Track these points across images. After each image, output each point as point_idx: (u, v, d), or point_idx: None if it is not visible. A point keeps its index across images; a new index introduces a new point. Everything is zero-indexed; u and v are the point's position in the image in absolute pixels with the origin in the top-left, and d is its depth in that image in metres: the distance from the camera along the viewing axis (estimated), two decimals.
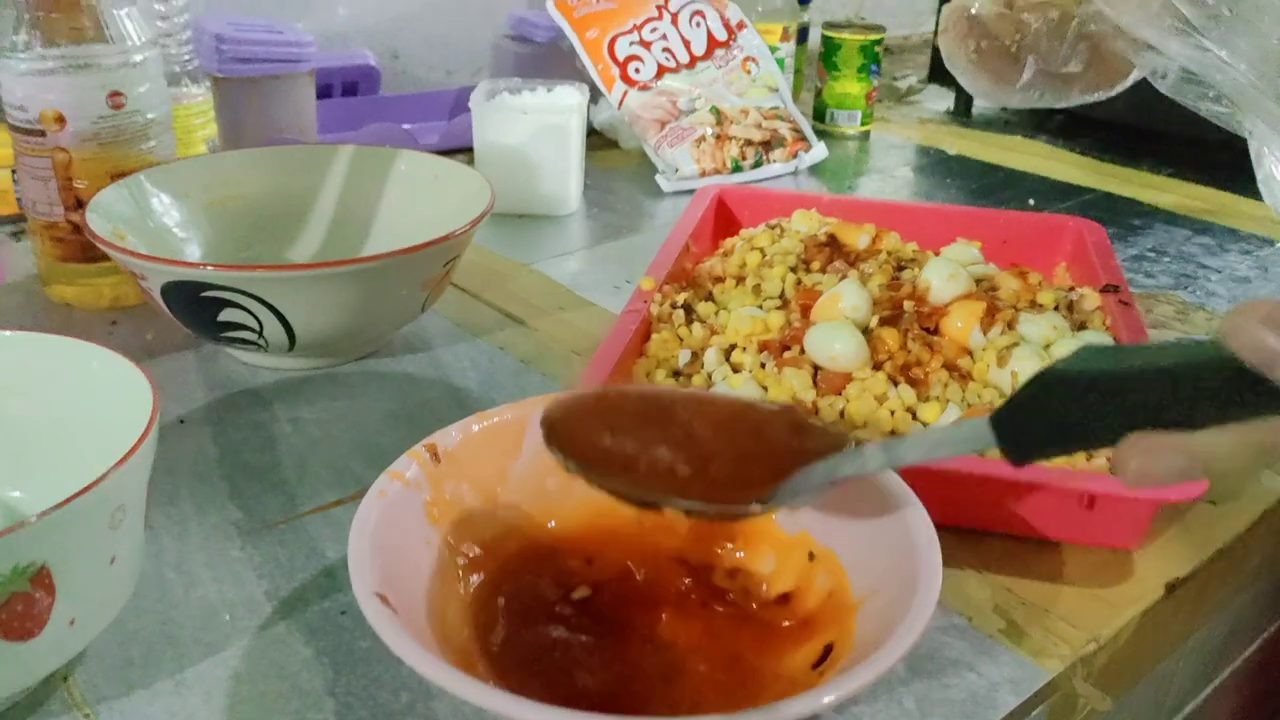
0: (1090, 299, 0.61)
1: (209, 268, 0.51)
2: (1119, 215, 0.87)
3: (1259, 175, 0.60)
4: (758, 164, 0.92)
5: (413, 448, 0.40)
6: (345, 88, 0.98)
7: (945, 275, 0.55)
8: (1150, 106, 0.76)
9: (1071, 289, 0.63)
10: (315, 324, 0.54)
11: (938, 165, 1.00)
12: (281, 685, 0.38)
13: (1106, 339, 0.55)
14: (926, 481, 0.44)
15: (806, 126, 0.97)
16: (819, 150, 0.96)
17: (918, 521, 0.38)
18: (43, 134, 0.60)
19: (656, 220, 0.84)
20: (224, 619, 0.40)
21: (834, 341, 0.52)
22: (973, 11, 0.57)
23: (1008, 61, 0.61)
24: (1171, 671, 0.56)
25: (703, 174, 0.89)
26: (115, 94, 0.60)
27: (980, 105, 1.15)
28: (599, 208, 0.86)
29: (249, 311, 0.52)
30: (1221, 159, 0.88)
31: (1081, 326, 0.57)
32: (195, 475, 0.49)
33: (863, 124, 1.06)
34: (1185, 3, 0.54)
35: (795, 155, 0.94)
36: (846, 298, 0.54)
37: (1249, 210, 0.88)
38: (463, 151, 0.94)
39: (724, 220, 0.75)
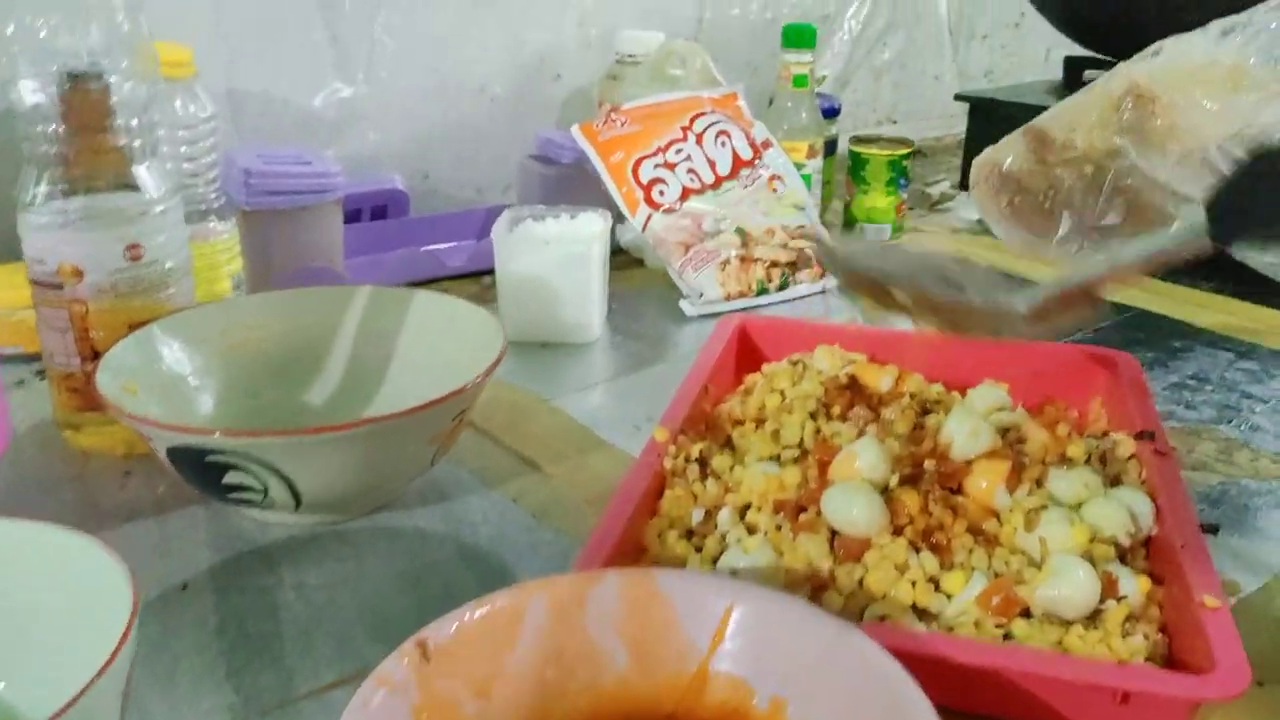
0: (1124, 446, 0.58)
1: (215, 434, 0.51)
2: (1158, 337, 0.85)
3: None
4: (784, 285, 0.91)
5: (403, 645, 0.38)
6: (374, 211, 0.99)
7: (968, 431, 0.53)
8: None
9: (1105, 434, 0.60)
10: (321, 485, 0.53)
11: None
12: None
13: (1142, 497, 0.53)
14: (956, 671, 0.42)
15: None
16: None
17: (914, 706, 0.35)
18: (60, 286, 0.60)
19: (680, 348, 0.83)
20: None
21: (851, 506, 0.50)
22: (1005, 168, 0.56)
23: (1042, 215, 0.59)
24: None
25: (728, 297, 0.88)
26: (133, 246, 0.60)
27: None
28: (623, 334, 0.85)
29: (254, 475, 0.51)
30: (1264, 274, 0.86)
31: (1116, 480, 0.55)
32: (194, 649, 0.48)
33: (892, 236, 1.05)
34: (1229, 160, 0.53)
35: (823, 275, 0.93)
36: (863, 457, 0.52)
37: None
38: (490, 272, 0.94)
39: (747, 352, 0.73)
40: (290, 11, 0.94)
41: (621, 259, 0.97)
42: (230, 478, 0.52)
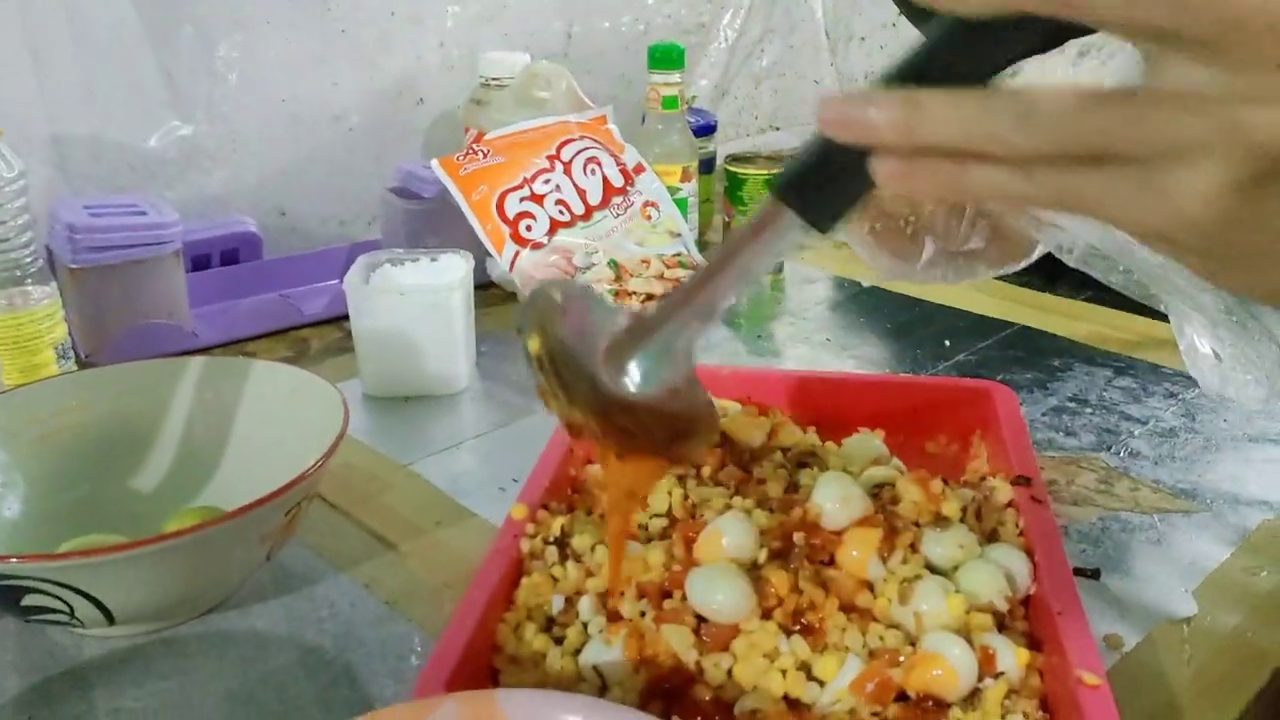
0: (1002, 492, 0.56)
1: (11, 560, 0.45)
2: (1038, 355, 0.84)
3: (1181, 345, 0.56)
4: None
5: None
6: (225, 256, 0.93)
7: (838, 499, 0.50)
8: None
9: (983, 479, 0.58)
10: (134, 601, 0.48)
11: (853, 302, 0.96)
12: None
13: (1018, 554, 0.50)
14: None
15: None
16: None
17: None
18: None
19: None
20: None
21: (716, 591, 0.47)
22: None
23: (905, 241, 0.57)
24: None
25: None
26: None
27: None
28: (494, 380, 0.81)
29: (56, 597, 0.46)
30: None
31: (993, 535, 0.53)
32: None
33: None
34: None
35: None
36: (729, 535, 0.49)
37: (1170, 337, 0.85)
38: None
39: None
40: (116, 49, 0.87)
41: (492, 294, 0.92)
42: (31, 600, 0.46)
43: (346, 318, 0.89)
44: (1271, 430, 0.71)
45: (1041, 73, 0.55)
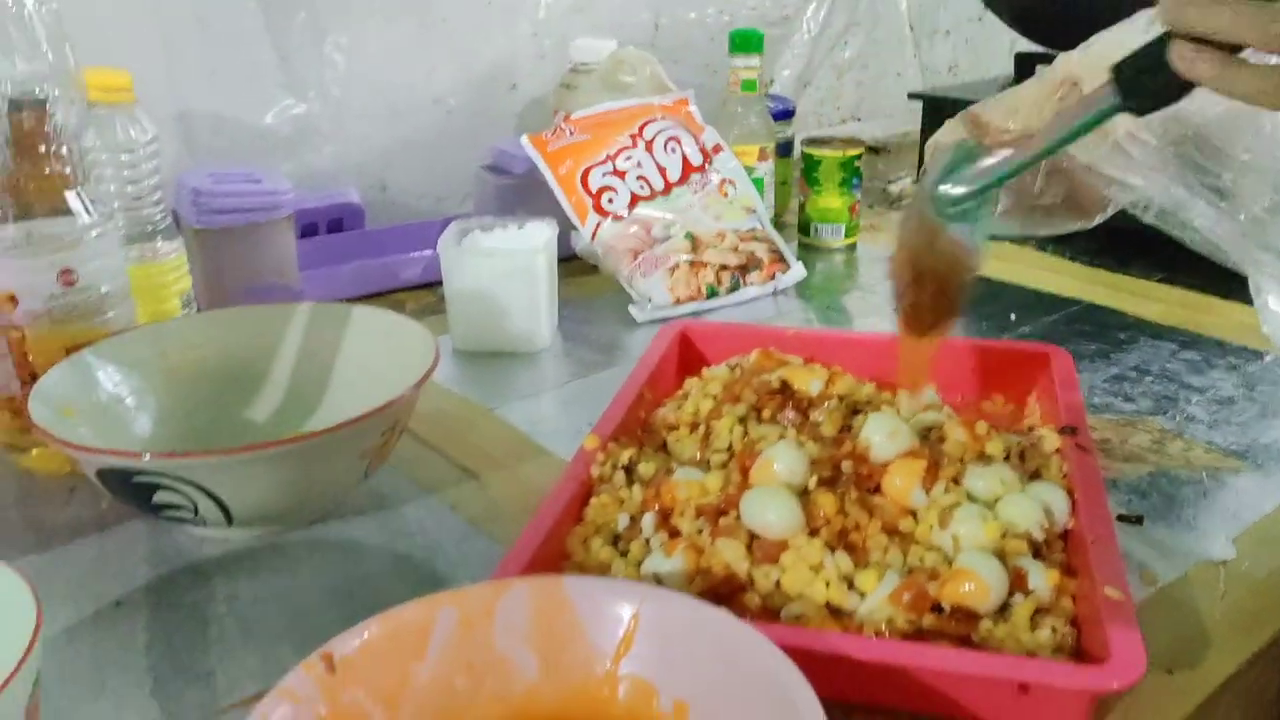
0: (1049, 440, 0.59)
1: (144, 456, 0.52)
2: (1104, 329, 0.85)
3: (1256, 303, 0.58)
4: (734, 288, 0.92)
5: (307, 658, 0.39)
6: (330, 225, 1.00)
7: (886, 433, 0.54)
8: None
9: (1030, 430, 0.61)
10: (250, 502, 0.54)
11: None
12: None
13: (1058, 491, 0.53)
14: (863, 669, 0.43)
15: (785, 247, 0.96)
16: (796, 271, 0.95)
17: (807, 708, 0.36)
18: None
19: (630, 353, 0.83)
20: None
21: (767, 509, 0.51)
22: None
23: None
24: None
25: (677, 302, 0.89)
26: (66, 271, 0.61)
27: None
28: (574, 340, 0.86)
29: (183, 494, 0.52)
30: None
31: (1036, 475, 0.56)
32: (122, 666, 0.49)
33: (847, 237, 1.06)
34: (1184, 164, 0.55)
35: (773, 277, 0.94)
36: (780, 460, 0.53)
37: (1239, 317, 0.86)
38: None
39: (690, 356, 0.74)
40: (238, 32, 0.95)
41: (575, 265, 0.97)
42: (159, 497, 0.53)
43: (438, 283, 0.95)
44: None
45: (1115, 41, 0.57)
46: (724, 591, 0.49)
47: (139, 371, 0.64)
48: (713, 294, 0.90)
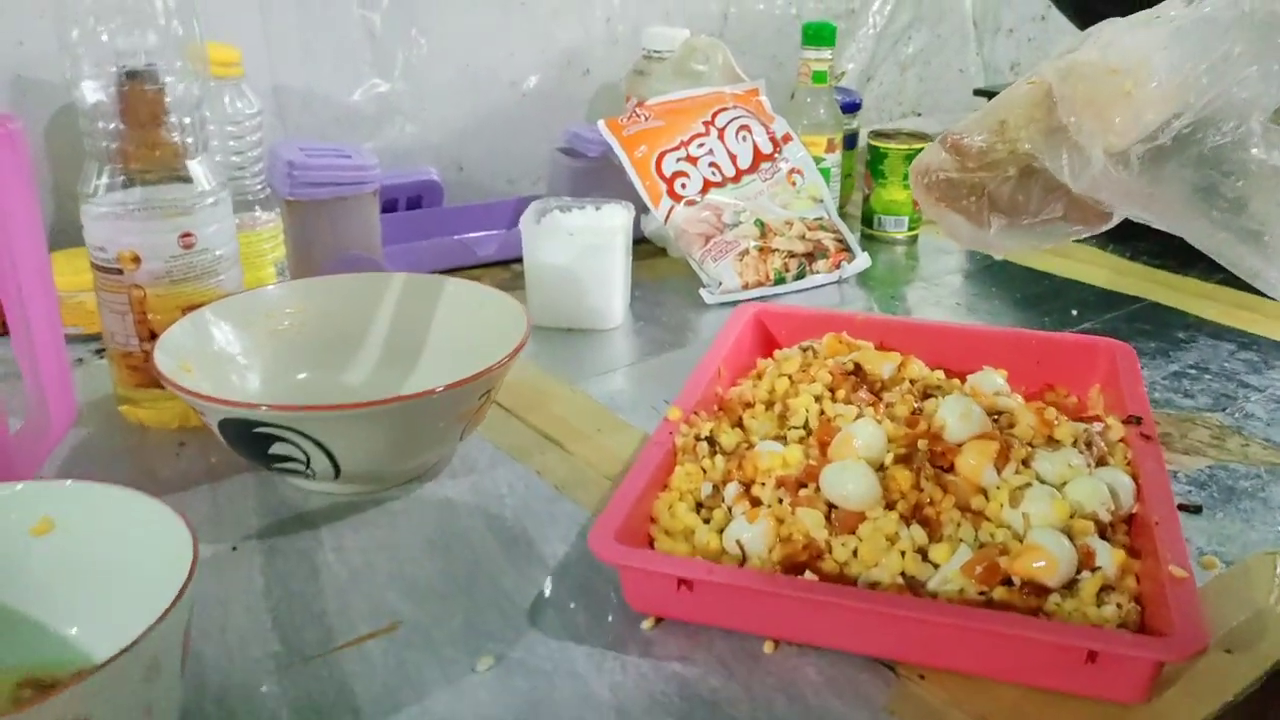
0: (1114, 429, 0.62)
1: (261, 408, 0.55)
2: (1164, 328, 0.87)
3: None
4: (800, 275, 0.94)
5: None
6: (410, 202, 1.04)
7: (959, 413, 0.57)
8: None
9: (1096, 419, 0.63)
10: (358, 456, 0.58)
11: (984, 272, 1.01)
12: None
13: (1124, 477, 0.56)
14: (938, 632, 0.45)
15: (850, 236, 0.99)
16: (861, 260, 0.98)
17: None
18: (120, 272, 0.65)
19: (700, 334, 0.87)
20: None
21: (846, 481, 0.54)
22: (928, 179, 0.56)
23: (977, 215, 0.59)
24: None
25: (745, 286, 0.92)
26: (186, 235, 0.65)
27: None
28: (645, 320, 0.89)
29: (297, 445, 0.56)
30: None
31: (1102, 462, 0.58)
32: (244, 605, 0.53)
33: (910, 229, 1.08)
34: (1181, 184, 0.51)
35: (838, 266, 0.96)
36: (860, 437, 0.56)
37: None
38: (519, 260, 0.98)
39: (761, 338, 0.77)
40: (332, 13, 0.99)
41: (645, 248, 1.00)
42: (276, 449, 0.56)
43: (514, 261, 0.99)
44: None
45: (1110, 40, 0.55)
46: (803, 559, 0.52)
47: (249, 332, 0.68)
48: (780, 280, 0.93)
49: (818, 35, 1.04)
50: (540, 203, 0.89)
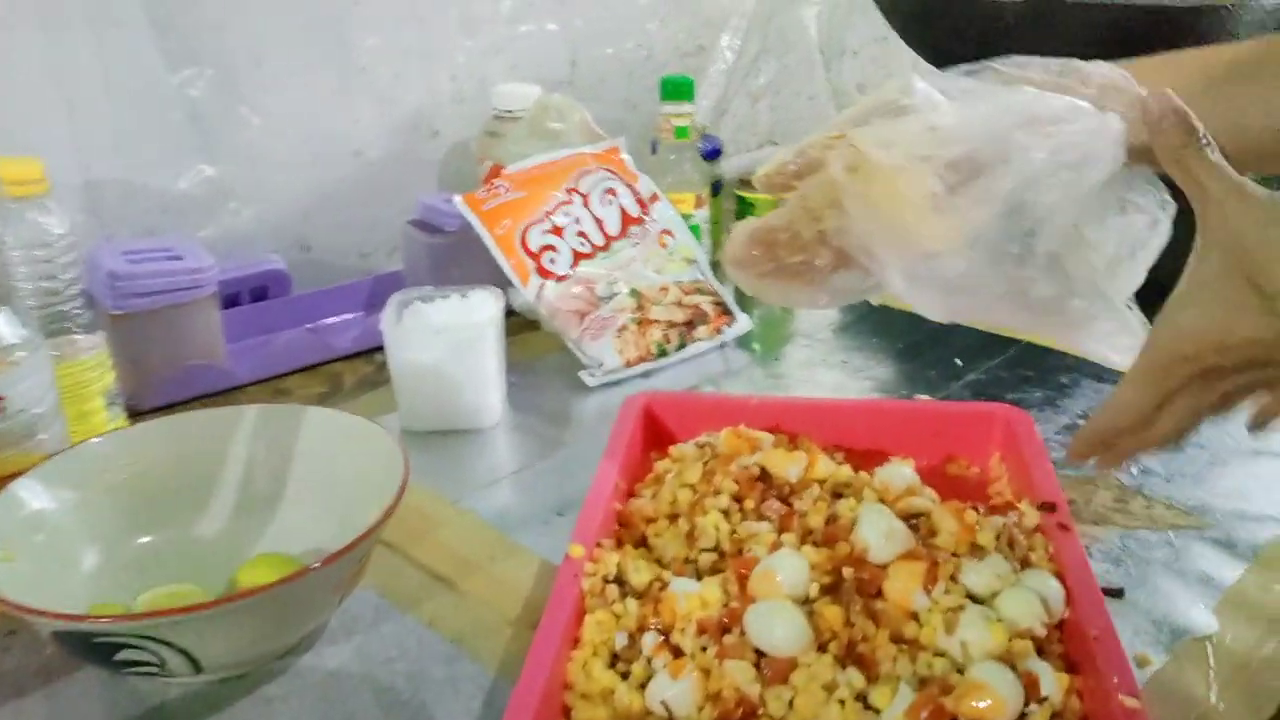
0: (1029, 517, 0.60)
1: (101, 620, 0.48)
2: (1047, 373, 0.87)
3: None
4: (681, 345, 0.90)
5: None
6: (254, 293, 0.95)
7: (883, 533, 0.53)
8: None
9: (1010, 506, 0.61)
10: (221, 652, 0.50)
11: (862, 322, 1.00)
12: None
13: (1051, 581, 0.54)
14: None
15: (728, 296, 0.96)
16: (742, 323, 0.94)
17: None
18: None
19: (585, 424, 0.82)
20: None
21: (775, 627, 0.50)
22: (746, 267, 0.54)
23: (807, 281, 0.56)
24: None
25: (628, 364, 0.87)
26: None
27: None
28: (525, 411, 0.83)
29: (148, 651, 0.48)
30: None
31: (1025, 562, 0.56)
32: None
33: None
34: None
35: (719, 330, 0.93)
36: (783, 572, 0.52)
37: None
38: (381, 349, 0.91)
39: (654, 432, 0.73)
40: (147, 98, 0.89)
41: (515, 322, 0.95)
42: (123, 655, 0.49)
43: (376, 350, 0.92)
44: (1275, 445, 0.75)
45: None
46: (737, 717, 0.48)
47: (81, 494, 0.59)
48: (662, 353, 0.89)
49: (677, 90, 1.00)
50: (401, 295, 0.82)
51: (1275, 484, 0.70)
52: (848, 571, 0.53)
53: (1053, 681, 0.48)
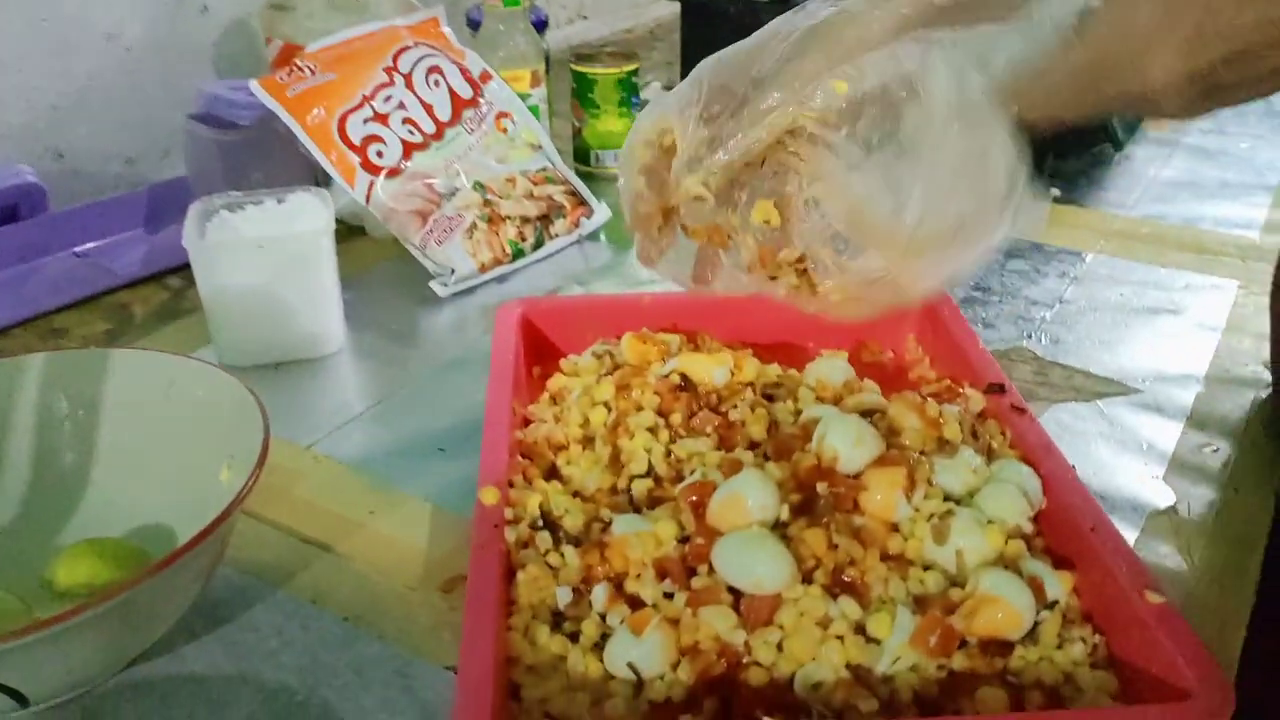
0: (975, 401, 0.55)
1: None
2: None
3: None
4: (539, 243, 0.80)
5: None
6: (3, 214, 0.77)
7: (851, 440, 0.47)
8: None
9: (953, 394, 0.56)
10: (52, 681, 0.38)
11: None
12: None
13: (1021, 469, 0.49)
14: None
15: (582, 186, 0.85)
16: (601, 213, 0.85)
17: None
18: None
19: (440, 340, 0.71)
20: None
21: (753, 561, 0.42)
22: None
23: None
24: None
25: (482, 269, 0.76)
26: None
27: None
28: (369, 331, 0.71)
29: None
30: None
31: (988, 453, 0.51)
32: None
33: None
34: None
35: (578, 224, 0.83)
36: (752, 497, 0.44)
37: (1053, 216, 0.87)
38: (178, 271, 0.76)
39: (536, 344, 0.63)
40: None
41: (339, 229, 0.81)
42: None
43: (171, 273, 0.78)
44: (1164, 301, 0.73)
45: None
46: (720, 671, 0.41)
47: None
48: (519, 253, 0.79)
49: None
50: (201, 205, 0.67)
51: (1184, 340, 0.69)
52: (822, 487, 0.46)
53: (1056, 583, 0.43)
